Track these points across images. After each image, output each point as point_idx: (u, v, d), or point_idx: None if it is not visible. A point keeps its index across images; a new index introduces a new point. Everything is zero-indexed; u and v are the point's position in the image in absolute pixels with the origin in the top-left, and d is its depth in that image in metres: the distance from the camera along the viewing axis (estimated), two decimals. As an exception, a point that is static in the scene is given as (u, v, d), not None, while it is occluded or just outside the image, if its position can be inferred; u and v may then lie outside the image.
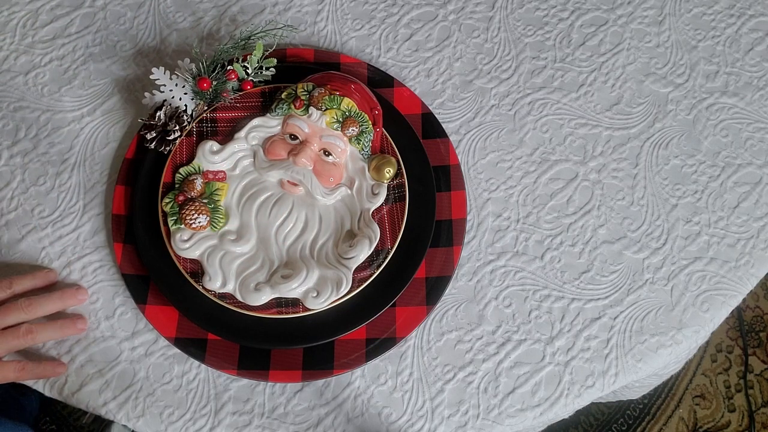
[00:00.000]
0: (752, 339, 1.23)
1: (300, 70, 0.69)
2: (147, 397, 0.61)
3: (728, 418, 1.18)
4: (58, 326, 0.61)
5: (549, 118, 0.71)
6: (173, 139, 0.66)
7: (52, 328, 0.61)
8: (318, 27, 0.75)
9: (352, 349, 0.62)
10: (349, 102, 0.64)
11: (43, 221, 0.67)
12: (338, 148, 0.64)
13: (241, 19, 0.76)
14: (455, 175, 0.67)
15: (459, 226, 0.65)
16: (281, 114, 0.65)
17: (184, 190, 0.63)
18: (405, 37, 0.75)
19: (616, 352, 0.62)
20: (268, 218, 0.63)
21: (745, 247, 0.66)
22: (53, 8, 0.77)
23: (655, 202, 0.68)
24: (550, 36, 0.75)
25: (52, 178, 0.69)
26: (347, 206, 0.64)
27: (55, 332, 0.61)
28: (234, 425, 0.60)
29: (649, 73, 0.73)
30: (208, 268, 0.61)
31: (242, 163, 0.65)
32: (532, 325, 0.63)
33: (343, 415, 0.61)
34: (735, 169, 0.69)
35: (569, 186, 0.68)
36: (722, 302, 0.64)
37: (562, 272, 0.65)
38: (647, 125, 0.71)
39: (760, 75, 0.73)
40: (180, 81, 0.66)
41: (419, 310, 0.63)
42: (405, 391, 0.61)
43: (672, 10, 0.76)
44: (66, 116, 0.71)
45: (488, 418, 0.60)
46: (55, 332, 0.61)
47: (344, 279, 0.60)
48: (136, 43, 0.75)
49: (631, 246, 0.66)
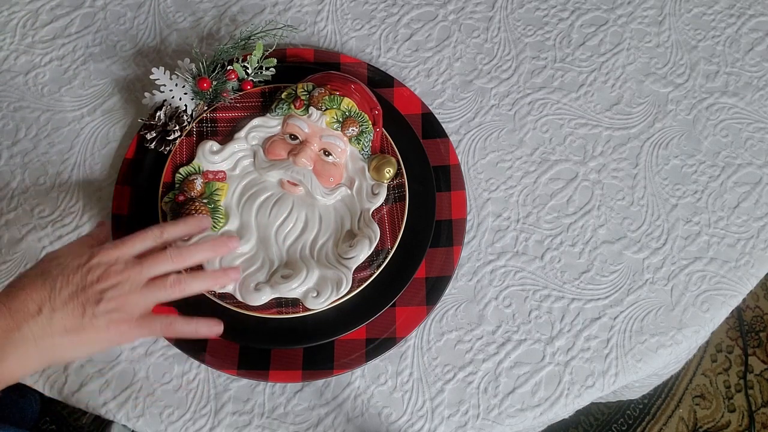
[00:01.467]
0: (752, 339, 1.23)
1: (300, 70, 0.69)
2: (147, 397, 0.61)
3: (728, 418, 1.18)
4: (209, 275, 0.56)
5: (549, 118, 0.71)
6: (173, 139, 0.66)
7: (202, 278, 0.55)
8: (318, 27, 0.75)
9: (352, 349, 0.61)
10: (349, 102, 0.64)
11: (43, 221, 0.67)
12: (338, 148, 0.64)
13: (241, 19, 0.76)
14: (455, 175, 0.67)
15: (459, 226, 0.65)
16: (281, 114, 0.65)
17: (184, 190, 0.63)
18: (405, 37, 0.75)
19: (616, 352, 0.62)
20: (268, 218, 0.63)
21: (745, 247, 0.66)
22: (53, 8, 0.77)
23: (655, 202, 0.68)
24: (550, 36, 0.75)
25: (52, 178, 0.69)
26: (347, 206, 0.64)
27: (206, 282, 0.56)
28: (234, 425, 0.60)
29: (649, 73, 0.73)
30: (208, 267, 0.61)
31: (242, 163, 0.65)
32: (532, 325, 0.63)
33: (343, 415, 0.61)
34: (735, 169, 0.69)
35: (569, 186, 0.68)
36: (722, 302, 0.64)
37: (562, 272, 0.65)
38: (647, 125, 0.71)
39: (760, 75, 0.73)
40: (180, 81, 0.66)
41: (419, 310, 0.63)
42: (405, 391, 0.61)
43: (672, 10, 0.76)
44: (66, 116, 0.71)
45: (488, 418, 0.60)
46: (206, 282, 0.56)
47: (344, 279, 0.60)
48: (136, 43, 0.75)
49: (631, 246, 0.66)
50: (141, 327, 0.52)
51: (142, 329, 0.52)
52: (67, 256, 0.52)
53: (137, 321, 0.52)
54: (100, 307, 0.50)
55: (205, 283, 0.55)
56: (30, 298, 0.49)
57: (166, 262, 0.54)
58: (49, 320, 0.49)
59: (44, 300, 0.49)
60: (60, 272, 0.50)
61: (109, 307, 0.50)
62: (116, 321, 0.50)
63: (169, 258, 0.54)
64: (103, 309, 0.50)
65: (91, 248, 0.52)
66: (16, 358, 0.48)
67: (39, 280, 0.50)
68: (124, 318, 0.51)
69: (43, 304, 0.49)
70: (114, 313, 0.50)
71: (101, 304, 0.50)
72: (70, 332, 0.49)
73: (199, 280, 0.55)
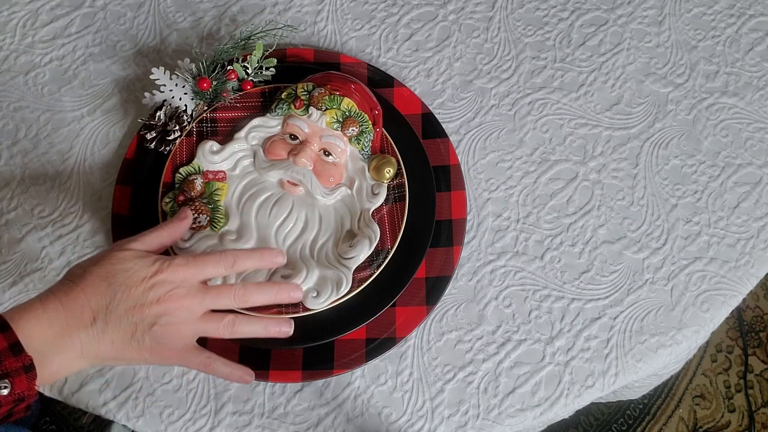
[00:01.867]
0: (752, 339, 1.23)
1: (300, 70, 0.69)
2: (147, 397, 0.61)
3: (728, 418, 1.18)
4: (263, 325, 0.56)
5: (549, 118, 0.71)
6: (173, 139, 0.66)
7: (257, 325, 0.55)
8: (318, 27, 0.75)
9: (352, 349, 0.62)
10: (349, 102, 0.64)
11: (43, 221, 0.67)
12: (338, 148, 0.64)
13: (241, 19, 0.76)
14: (455, 175, 0.67)
15: (459, 226, 0.65)
16: (281, 114, 0.65)
17: (184, 190, 0.63)
18: (405, 37, 0.75)
19: (616, 352, 0.62)
20: (268, 218, 0.63)
21: (745, 247, 0.66)
22: (53, 8, 0.77)
23: (655, 202, 0.68)
24: (550, 36, 0.75)
25: (52, 178, 0.69)
26: (347, 206, 0.64)
27: (257, 330, 0.55)
28: (234, 425, 0.60)
29: (649, 73, 0.73)
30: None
31: (242, 163, 0.65)
32: (532, 325, 0.63)
33: (343, 415, 0.61)
34: (735, 169, 0.69)
35: (569, 186, 0.68)
36: (722, 302, 0.64)
37: (562, 272, 0.65)
38: (647, 125, 0.71)
39: (760, 75, 0.73)
40: (180, 81, 0.66)
41: (419, 310, 0.63)
42: (405, 391, 0.61)
43: (672, 10, 0.76)
44: (66, 116, 0.71)
45: (488, 418, 0.60)
46: (257, 330, 0.55)
47: (344, 279, 0.60)
48: (136, 43, 0.75)
49: (631, 246, 0.66)
50: (181, 358, 0.52)
51: (181, 360, 0.52)
52: (135, 261, 0.51)
53: (180, 350, 0.52)
54: (151, 331, 0.50)
55: (257, 331, 0.55)
56: (88, 303, 0.49)
57: (228, 298, 0.53)
58: (100, 332, 0.49)
59: (101, 309, 0.49)
60: (124, 281, 0.50)
61: (160, 332, 0.50)
62: (160, 346, 0.50)
63: (233, 296, 0.53)
64: (154, 334, 0.50)
65: (158, 259, 0.51)
66: (61, 361, 0.48)
67: (102, 284, 0.49)
68: (169, 345, 0.51)
69: (99, 313, 0.49)
70: (162, 339, 0.50)
71: (154, 328, 0.49)
72: (115, 345, 0.49)
73: (252, 326, 0.55)
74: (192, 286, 0.51)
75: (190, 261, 0.52)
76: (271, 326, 0.56)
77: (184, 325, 0.51)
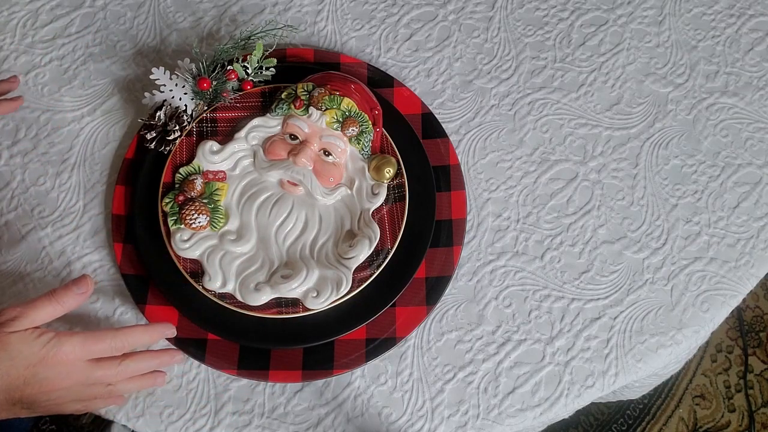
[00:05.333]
0: (752, 339, 1.23)
1: (300, 70, 0.69)
2: (147, 396, 0.61)
3: (728, 418, 1.18)
4: (137, 381, 0.59)
5: (549, 118, 0.71)
6: (173, 139, 0.66)
7: (132, 383, 0.59)
8: (318, 27, 0.75)
9: (352, 349, 0.62)
10: (349, 102, 0.64)
11: (43, 221, 0.67)
12: (338, 148, 0.64)
13: (241, 19, 0.76)
14: (455, 175, 0.67)
15: (459, 226, 0.65)
16: (281, 114, 0.65)
17: (184, 190, 0.63)
18: (405, 37, 0.75)
19: (616, 352, 0.62)
20: (268, 218, 0.63)
21: (745, 247, 0.66)
22: (53, 8, 0.77)
23: (655, 202, 0.68)
24: (550, 36, 0.75)
25: (52, 178, 0.69)
26: (347, 206, 0.64)
27: (135, 386, 0.60)
28: (234, 425, 0.60)
29: (649, 73, 0.73)
30: (208, 268, 0.61)
31: (242, 163, 0.65)
32: (532, 325, 0.63)
33: (343, 415, 0.61)
34: (735, 169, 0.69)
35: (569, 186, 0.68)
36: (722, 302, 0.64)
37: (562, 272, 0.65)
38: (647, 125, 0.71)
39: (760, 75, 0.73)
40: (180, 81, 0.66)
41: (419, 310, 0.63)
42: (405, 391, 0.61)
43: (672, 10, 0.76)
44: (66, 116, 0.71)
45: (488, 418, 0.60)
46: (135, 386, 0.60)
47: (344, 279, 0.60)
48: (136, 43, 0.75)
49: (631, 246, 0.66)
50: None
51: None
52: (20, 348, 0.51)
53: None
54: (30, 410, 0.54)
55: (135, 386, 0.59)
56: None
57: (112, 370, 0.55)
58: None
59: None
60: (7, 370, 0.50)
61: (40, 410, 0.54)
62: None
63: (117, 368, 0.56)
64: (33, 411, 0.54)
65: (45, 343, 0.52)
66: None
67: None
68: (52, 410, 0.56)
69: None
70: (44, 411, 0.55)
71: (33, 406, 0.53)
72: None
73: (130, 384, 0.58)
74: (77, 369, 0.53)
75: (77, 345, 0.53)
76: (146, 380, 0.59)
77: (66, 403, 0.54)
